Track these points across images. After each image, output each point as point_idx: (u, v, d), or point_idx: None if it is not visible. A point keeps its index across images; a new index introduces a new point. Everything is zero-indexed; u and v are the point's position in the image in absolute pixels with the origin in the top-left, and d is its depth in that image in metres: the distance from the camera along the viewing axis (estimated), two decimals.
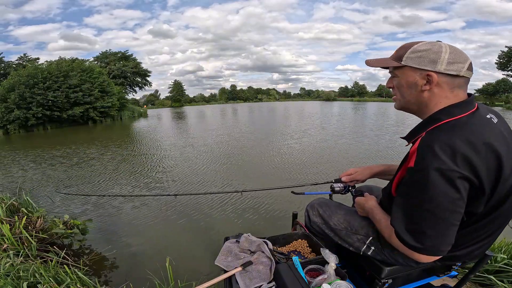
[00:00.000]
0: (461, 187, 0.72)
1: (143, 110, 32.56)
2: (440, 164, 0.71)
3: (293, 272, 1.03)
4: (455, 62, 0.79)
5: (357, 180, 1.30)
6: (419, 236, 0.79)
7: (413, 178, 0.78)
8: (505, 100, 31.55)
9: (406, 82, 0.87)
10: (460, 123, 0.77)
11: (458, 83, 0.81)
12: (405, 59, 0.85)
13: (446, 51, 0.79)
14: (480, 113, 0.81)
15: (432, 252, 0.80)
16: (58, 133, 16.35)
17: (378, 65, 0.94)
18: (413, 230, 0.80)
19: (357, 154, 7.04)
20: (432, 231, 0.77)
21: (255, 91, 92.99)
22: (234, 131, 12.78)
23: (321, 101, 68.90)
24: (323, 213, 1.23)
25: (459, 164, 0.71)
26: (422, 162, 0.75)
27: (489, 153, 0.73)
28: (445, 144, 0.72)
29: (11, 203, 3.03)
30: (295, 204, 3.73)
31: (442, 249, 0.80)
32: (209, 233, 3.25)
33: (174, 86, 67.81)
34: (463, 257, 0.93)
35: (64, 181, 5.60)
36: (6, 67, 28.70)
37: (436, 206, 0.74)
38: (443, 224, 0.76)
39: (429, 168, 0.73)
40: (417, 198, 0.77)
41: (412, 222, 0.80)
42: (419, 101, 0.86)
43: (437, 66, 0.79)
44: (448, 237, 0.78)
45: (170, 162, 6.92)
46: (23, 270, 1.85)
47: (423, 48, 0.82)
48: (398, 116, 16.99)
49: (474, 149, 0.72)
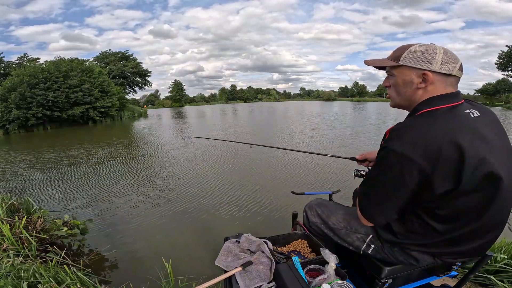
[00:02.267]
0: (407, 173, 0.80)
1: (143, 110, 32.57)
2: (399, 147, 0.80)
3: (293, 272, 1.02)
4: (448, 62, 0.86)
5: (367, 159, 1.43)
6: (364, 198, 0.95)
7: (379, 153, 0.89)
8: (505, 100, 31.55)
9: (403, 81, 0.93)
10: (434, 114, 0.83)
11: (450, 82, 0.88)
12: (402, 59, 0.91)
13: (440, 52, 0.86)
14: (460, 107, 0.85)
15: (368, 216, 0.95)
16: (58, 133, 16.35)
17: (376, 64, 1.01)
18: (364, 194, 0.96)
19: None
20: (373, 198, 0.92)
21: (255, 91, 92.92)
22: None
23: (321, 101, 68.88)
24: (322, 213, 1.23)
25: (417, 152, 0.78)
26: (387, 142, 0.85)
27: (450, 145, 0.76)
28: (411, 129, 0.82)
29: (11, 203, 3.03)
30: (295, 204, 3.73)
31: (376, 218, 0.94)
32: (209, 233, 3.25)
33: (174, 86, 67.83)
34: (462, 254, 0.94)
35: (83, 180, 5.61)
36: (6, 67, 28.69)
37: (383, 180, 0.87)
38: (383, 195, 0.89)
39: (389, 147, 0.83)
40: (375, 169, 0.91)
41: (365, 187, 0.96)
42: (412, 98, 0.92)
43: (432, 66, 0.86)
44: (384, 209, 0.91)
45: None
46: (23, 270, 1.85)
47: (419, 49, 0.88)
48: (401, 114, 17.01)
49: (436, 139, 0.77)
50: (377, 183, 0.89)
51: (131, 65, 36.77)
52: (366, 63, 1.02)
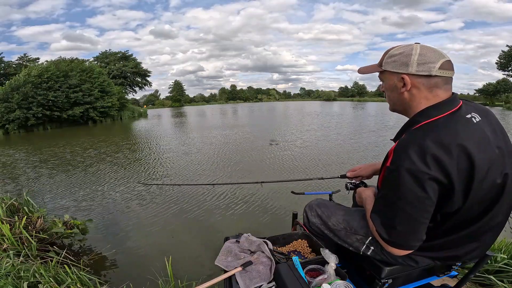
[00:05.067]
0: (429, 188, 0.75)
1: (143, 110, 32.54)
2: (410, 164, 0.75)
3: (293, 272, 1.02)
4: (424, 63, 0.81)
5: (361, 176, 1.31)
6: (390, 230, 0.84)
7: (389, 177, 0.82)
8: (505, 100, 31.54)
9: (389, 86, 0.91)
10: (435, 125, 0.79)
11: (435, 82, 0.82)
12: (384, 64, 0.89)
13: (416, 53, 0.82)
14: (460, 113, 0.81)
15: (402, 246, 0.85)
16: (59, 133, 16.35)
17: (366, 71, 0.98)
18: (386, 225, 0.85)
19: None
20: (402, 227, 0.82)
21: (255, 91, 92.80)
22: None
23: (321, 101, 68.83)
24: (322, 213, 1.23)
25: (429, 165, 0.74)
26: (396, 162, 0.79)
27: (461, 154, 0.74)
28: (417, 145, 0.76)
29: (11, 203, 3.02)
30: (295, 204, 3.73)
31: (411, 244, 0.85)
32: (209, 233, 3.25)
33: (174, 86, 67.80)
34: (462, 257, 0.93)
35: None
36: (6, 67, 28.66)
37: (405, 204, 0.79)
38: (412, 221, 0.81)
39: (400, 168, 0.77)
40: (390, 195, 0.83)
41: (386, 217, 0.86)
42: (402, 102, 0.89)
43: (409, 69, 0.82)
44: (417, 233, 0.83)
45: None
46: (23, 270, 1.85)
47: (397, 52, 0.86)
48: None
49: (445, 150, 0.74)
50: (399, 209, 0.80)
51: (131, 65, 36.77)
52: (360, 71, 1.00)
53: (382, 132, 11.07)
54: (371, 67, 0.96)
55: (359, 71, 1.00)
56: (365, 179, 1.33)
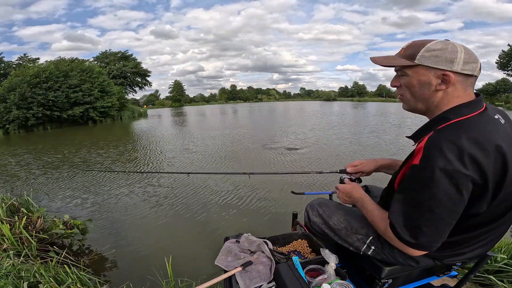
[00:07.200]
0: (464, 189, 0.72)
1: (143, 110, 32.55)
2: (446, 164, 0.71)
3: (293, 272, 1.02)
4: (470, 62, 0.78)
5: (362, 172, 1.28)
6: (415, 232, 0.80)
7: (417, 176, 0.78)
8: (505, 100, 31.54)
9: (419, 82, 0.83)
10: (469, 123, 0.76)
11: (470, 82, 0.81)
12: (419, 57, 0.81)
13: (461, 50, 0.78)
14: (488, 113, 0.80)
15: (425, 248, 0.83)
16: (58, 133, 16.34)
17: (386, 63, 0.89)
18: (410, 226, 0.81)
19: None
20: (428, 229, 0.79)
21: (255, 91, 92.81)
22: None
23: (321, 101, 68.80)
24: (323, 213, 1.22)
25: (466, 165, 0.70)
26: (428, 160, 0.74)
27: (497, 155, 0.72)
28: (453, 143, 0.71)
29: (11, 203, 3.02)
30: (295, 204, 3.73)
31: (434, 246, 0.82)
32: (209, 233, 3.25)
33: (174, 86, 67.82)
34: (463, 257, 0.93)
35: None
36: (6, 67, 28.66)
37: (436, 205, 0.75)
38: (440, 222, 0.77)
39: (434, 167, 0.72)
40: (418, 195, 0.78)
41: (410, 218, 0.81)
42: (430, 100, 0.84)
43: (454, 66, 0.78)
44: (443, 235, 0.80)
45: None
46: (23, 270, 1.85)
47: (438, 47, 0.80)
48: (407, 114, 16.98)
49: (483, 149, 0.71)
50: (428, 210, 0.76)
51: (131, 65, 36.76)
52: (374, 60, 0.91)
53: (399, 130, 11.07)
54: (393, 59, 0.88)
55: (373, 60, 0.91)
56: (364, 175, 1.31)
